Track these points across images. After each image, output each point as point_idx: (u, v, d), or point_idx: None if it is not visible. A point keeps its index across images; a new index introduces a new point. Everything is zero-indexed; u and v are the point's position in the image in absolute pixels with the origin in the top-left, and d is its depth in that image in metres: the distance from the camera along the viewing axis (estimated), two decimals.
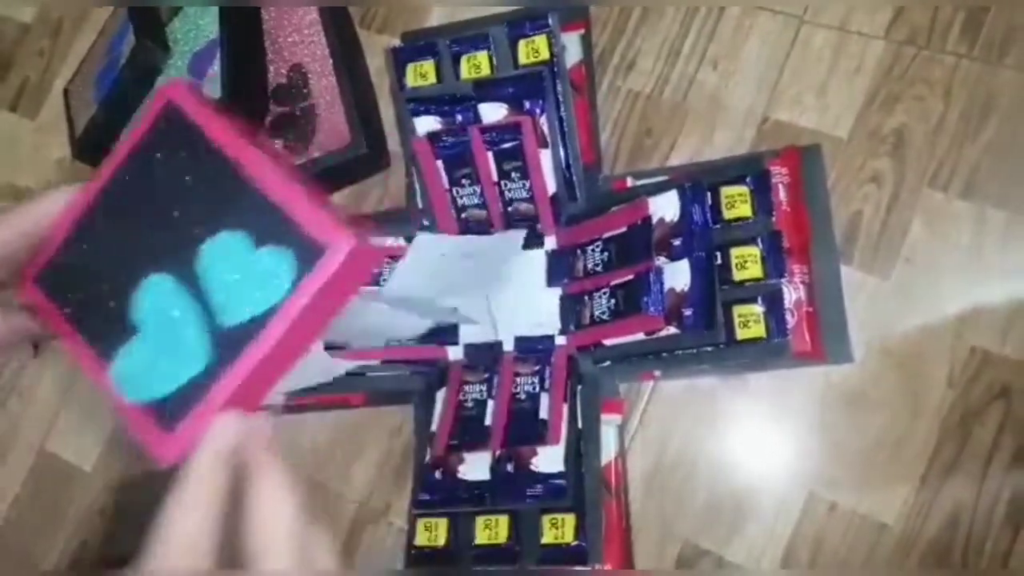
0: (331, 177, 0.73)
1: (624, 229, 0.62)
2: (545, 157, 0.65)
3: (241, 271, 0.33)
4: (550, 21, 0.66)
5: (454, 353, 0.67)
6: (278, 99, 0.73)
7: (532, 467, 0.58)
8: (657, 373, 0.63)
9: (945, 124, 0.62)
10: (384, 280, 0.65)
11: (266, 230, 0.32)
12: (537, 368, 0.63)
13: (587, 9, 0.71)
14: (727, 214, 0.60)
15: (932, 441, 0.58)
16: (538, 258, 0.67)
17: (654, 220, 0.61)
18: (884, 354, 0.60)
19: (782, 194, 0.61)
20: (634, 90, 0.69)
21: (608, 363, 0.63)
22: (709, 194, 0.61)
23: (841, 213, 0.62)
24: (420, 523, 0.61)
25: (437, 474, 0.61)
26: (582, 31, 0.70)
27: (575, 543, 0.57)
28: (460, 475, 0.60)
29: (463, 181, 0.67)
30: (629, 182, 0.66)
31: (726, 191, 0.61)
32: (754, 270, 0.59)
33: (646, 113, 0.69)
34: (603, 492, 0.60)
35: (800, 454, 0.60)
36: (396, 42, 0.75)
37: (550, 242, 0.67)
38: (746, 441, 0.62)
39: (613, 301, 0.61)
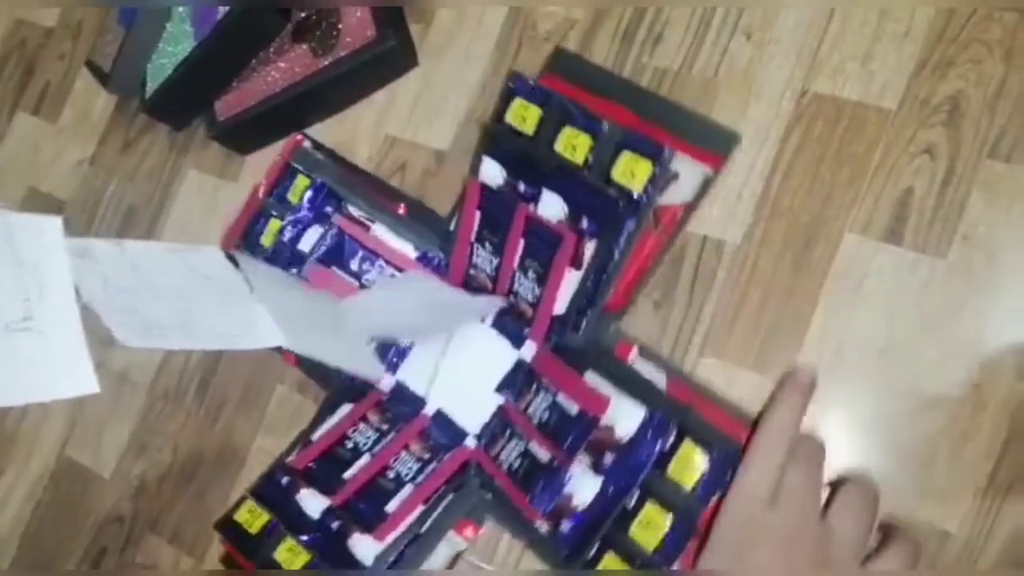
0: (361, 80, 0.71)
1: (576, 410, 0.56)
2: (572, 278, 0.59)
3: None
4: (664, 153, 0.56)
5: (387, 381, 0.66)
6: (301, 4, 0.71)
7: (349, 542, 0.58)
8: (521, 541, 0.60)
9: (1006, 88, 0.54)
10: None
11: None
12: (427, 456, 0.61)
13: (732, 145, 0.60)
14: (671, 467, 0.54)
15: (999, 438, 0.51)
16: (508, 357, 0.63)
17: (607, 423, 0.55)
18: (942, 340, 0.53)
19: None
20: (660, 67, 0.63)
21: (490, 496, 0.61)
22: (674, 435, 0.54)
23: (891, 191, 0.56)
24: (247, 503, 0.63)
25: (284, 479, 0.62)
26: (710, 169, 0.60)
27: None
28: (297, 496, 0.61)
29: (487, 244, 0.62)
30: (632, 354, 0.59)
31: (687, 446, 0.53)
32: (651, 538, 0.53)
33: (673, 91, 0.63)
34: None
35: (849, 453, 0.54)
36: None
37: (528, 351, 0.63)
38: None
39: (519, 462, 0.57)
